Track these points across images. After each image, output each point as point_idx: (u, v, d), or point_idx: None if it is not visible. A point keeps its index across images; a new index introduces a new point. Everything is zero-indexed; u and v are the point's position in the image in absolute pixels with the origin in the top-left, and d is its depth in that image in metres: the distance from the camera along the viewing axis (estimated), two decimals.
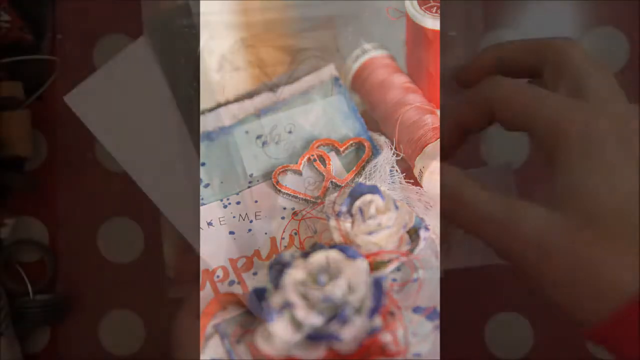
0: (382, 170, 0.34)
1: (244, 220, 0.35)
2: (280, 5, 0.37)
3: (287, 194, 0.35)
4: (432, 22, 0.34)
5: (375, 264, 0.31)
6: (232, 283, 0.33)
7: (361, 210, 0.31)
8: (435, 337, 0.29)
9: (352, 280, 0.29)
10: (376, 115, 0.37)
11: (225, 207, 0.36)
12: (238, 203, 0.36)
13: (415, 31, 0.35)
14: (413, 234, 0.32)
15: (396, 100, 0.36)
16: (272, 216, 0.35)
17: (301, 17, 0.37)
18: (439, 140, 0.33)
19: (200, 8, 0.37)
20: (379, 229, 0.31)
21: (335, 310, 0.28)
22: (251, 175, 0.36)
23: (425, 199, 0.34)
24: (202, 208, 0.35)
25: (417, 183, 0.35)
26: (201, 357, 0.30)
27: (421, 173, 0.34)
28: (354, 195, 0.32)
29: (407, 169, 0.35)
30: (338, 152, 0.37)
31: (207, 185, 0.36)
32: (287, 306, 0.28)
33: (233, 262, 0.34)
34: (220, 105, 0.38)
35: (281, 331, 0.28)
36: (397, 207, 0.32)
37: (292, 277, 0.29)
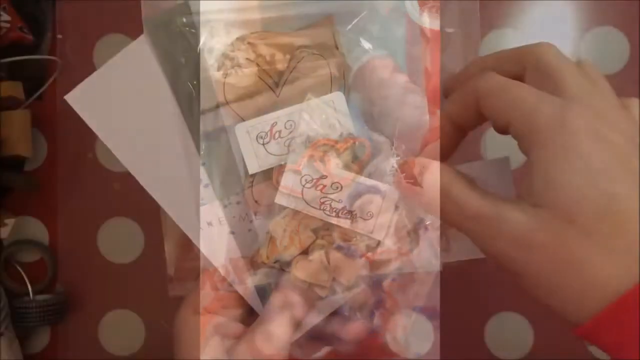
0: (382, 170, 0.34)
1: (244, 220, 0.35)
2: (279, 4, 0.37)
3: (287, 193, 0.35)
4: (432, 22, 0.34)
5: (375, 264, 0.31)
6: (232, 283, 0.33)
7: (361, 210, 0.31)
8: (435, 337, 0.29)
9: (352, 280, 0.29)
10: (376, 115, 0.37)
11: (226, 207, 0.36)
12: (238, 203, 0.36)
13: (415, 31, 0.35)
14: (413, 233, 0.32)
15: (396, 100, 0.36)
16: (272, 216, 0.35)
17: (301, 16, 0.37)
18: (439, 140, 0.33)
19: (199, 7, 0.37)
20: (378, 229, 0.31)
21: (335, 310, 0.28)
22: (251, 175, 0.36)
23: (425, 199, 0.34)
24: (202, 208, 0.35)
25: (417, 183, 0.35)
26: (201, 357, 0.30)
27: (421, 173, 0.34)
28: (354, 195, 0.32)
29: (407, 169, 0.35)
30: (338, 152, 0.37)
31: (207, 185, 0.36)
32: (287, 306, 0.28)
33: (233, 262, 0.34)
34: (220, 105, 0.38)
35: (281, 331, 0.28)
36: (396, 207, 0.32)
37: (292, 276, 0.29)
